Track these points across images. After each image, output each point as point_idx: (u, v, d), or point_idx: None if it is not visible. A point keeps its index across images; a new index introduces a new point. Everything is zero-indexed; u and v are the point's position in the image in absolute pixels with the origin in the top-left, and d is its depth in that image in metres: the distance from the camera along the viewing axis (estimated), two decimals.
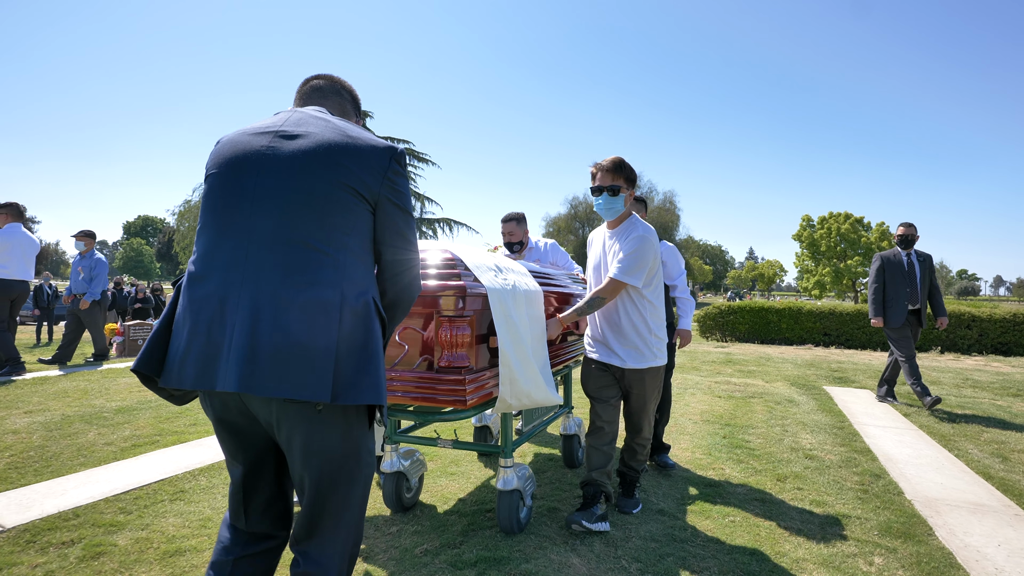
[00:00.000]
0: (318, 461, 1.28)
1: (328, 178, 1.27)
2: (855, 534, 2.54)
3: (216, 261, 1.27)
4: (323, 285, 1.23)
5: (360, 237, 1.31)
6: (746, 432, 4.29)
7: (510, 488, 2.42)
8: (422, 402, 2.12)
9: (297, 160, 1.28)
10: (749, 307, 13.58)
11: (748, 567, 2.22)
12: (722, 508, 2.82)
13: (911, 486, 3.18)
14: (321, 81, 1.56)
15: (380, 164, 1.33)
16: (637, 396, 2.66)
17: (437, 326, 2.12)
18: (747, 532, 2.54)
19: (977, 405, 5.58)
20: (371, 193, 1.32)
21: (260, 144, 1.31)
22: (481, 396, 2.17)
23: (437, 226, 30.21)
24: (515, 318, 2.25)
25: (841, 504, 2.89)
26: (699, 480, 3.23)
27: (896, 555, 2.35)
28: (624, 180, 2.56)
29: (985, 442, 4.15)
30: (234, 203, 1.28)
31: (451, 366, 2.10)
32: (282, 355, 1.18)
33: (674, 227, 46.83)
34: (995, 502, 2.97)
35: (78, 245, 7.12)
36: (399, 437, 2.77)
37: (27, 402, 4.69)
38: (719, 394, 5.87)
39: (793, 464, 3.53)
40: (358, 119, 1.62)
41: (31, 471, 3.15)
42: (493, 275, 2.28)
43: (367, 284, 1.32)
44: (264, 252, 1.23)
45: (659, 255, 2.62)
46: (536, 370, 2.35)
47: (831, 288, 39.06)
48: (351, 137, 1.33)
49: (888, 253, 5.57)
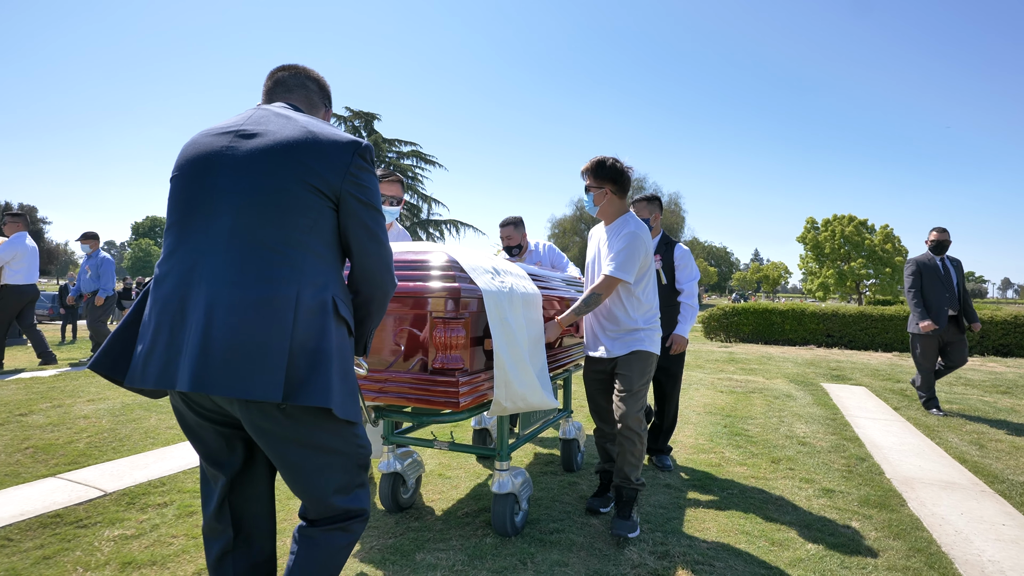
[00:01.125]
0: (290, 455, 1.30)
1: (286, 176, 1.26)
2: (837, 505, 2.92)
3: (177, 261, 1.28)
4: (277, 284, 1.22)
5: (321, 235, 1.30)
6: (745, 422, 4.67)
7: (505, 491, 2.42)
8: (417, 403, 2.14)
9: (254, 159, 1.27)
10: (753, 308, 13.85)
11: (743, 528, 2.60)
12: (721, 484, 3.20)
13: (891, 467, 3.55)
14: (285, 73, 1.53)
15: (342, 160, 1.31)
16: (623, 379, 2.61)
17: (432, 327, 2.12)
18: (742, 502, 2.92)
19: (965, 401, 5.94)
20: (332, 190, 1.30)
21: (220, 144, 1.31)
22: (475, 398, 2.17)
23: (444, 227, 30.54)
24: (511, 321, 2.24)
25: (827, 481, 3.26)
26: (702, 462, 3.61)
27: (871, 521, 2.72)
28: (605, 180, 2.62)
29: (966, 433, 4.51)
30: (194, 204, 1.29)
31: (445, 368, 2.10)
32: (234, 354, 1.18)
33: (679, 228, 47.08)
34: (965, 481, 3.34)
35: (84, 248, 7.48)
36: (396, 438, 2.78)
37: (86, 392, 5.12)
38: (721, 389, 6.25)
39: (787, 449, 3.91)
40: (327, 109, 1.60)
41: (109, 449, 3.56)
42: (490, 277, 2.27)
43: (327, 282, 1.30)
44: (220, 252, 1.24)
45: (650, 252, 2.66)
46: (532, 373, 2.34)
47: (835, 290, 39.30)
48: (312, 133, 1.32)
49: (922, 257, 5.38)
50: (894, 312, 12.67)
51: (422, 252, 2.31)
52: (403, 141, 30.00)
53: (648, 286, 2.70)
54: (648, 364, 2.65)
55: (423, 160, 30.22)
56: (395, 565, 2.21)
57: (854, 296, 40.11)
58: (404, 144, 30.15)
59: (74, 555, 2.24)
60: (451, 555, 2.29)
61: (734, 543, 2.45)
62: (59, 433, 3.86)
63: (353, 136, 1.36)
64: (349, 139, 1.34)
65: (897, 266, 36.81)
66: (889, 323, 12.43)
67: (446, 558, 2.26)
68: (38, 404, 4.63)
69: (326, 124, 1.40)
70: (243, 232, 1.24)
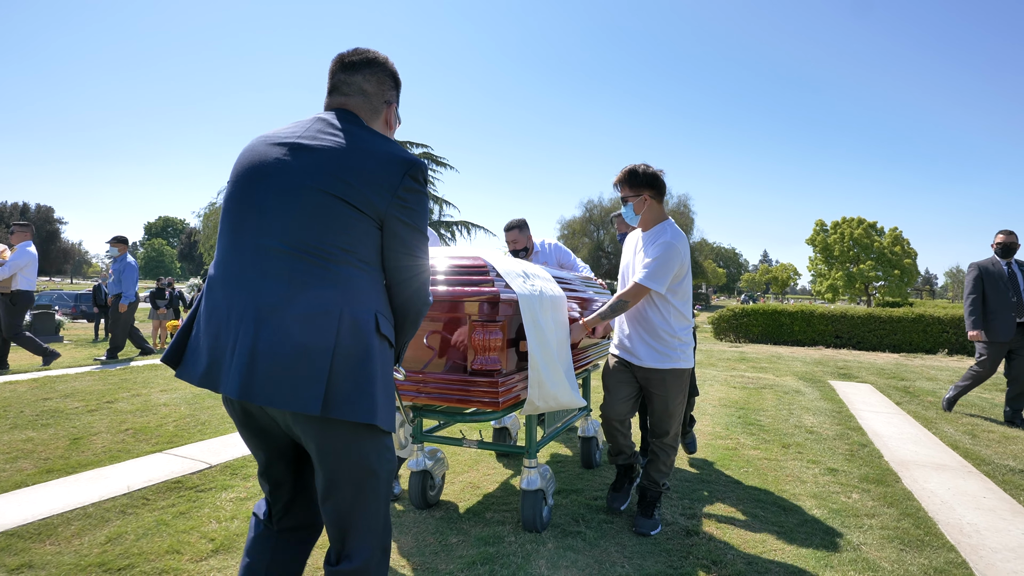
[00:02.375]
0: (329, 463, 1.32)
1: (329, 194, 1.28)
2: (840, 480, 3.35)
3: (227, 269, 1.32)
4: (323, 299, 1.25)
5: (366, 252, 1.32)
6: (758, 414, 5.10)
7: (534, 488, 2.49)
8: (456, 403, 2.22)
9: (304, 175, 1.30)
10: (762, 309, 14.19)
11: (757, 497, 3.04)
12: (738, 463, 3.64)
13: (890, 452, 3.98)
14: (344, 74, 1.48)
15: (389, 181, 1.31)
16: (659, 398, 2.62)
17: (470, 330, 2.18)
18: (757, 478, 3.36)
19: (963, 398, 6.32)
20: (376, 212, 1.31)
21: (275, 155, 1.34)
22: (512, 398, 2.24)
23: (455, 229, 30.93)
24: (542, 323, 2.31)
25: (831, 462, 3.69)
26: (719, 446, 4.04)
27: (869, 493, 3.15)
28: (642, 187, 2.61)
29: (962, 424, 4.91)
30: (245, 213, 1.33)
31: (484, 369, 2.17)
32: (278, 366, 1.22)
33: (688, 230, 47.41)
34: (955, 464, 3.76)
35: (112, 251, 7.77)
36: (425, 437, 2.86)
37: (156, 383, 5.64)
38: (734, 385, 6.67)
39: (796, 436, 4.33)
40: (391, 104, 1.54)
41: (195, 432, 4.05)
42: (522, 281, 2.35)
43: (371, 300, 1.33)
44: (269, 264, 1.27)
45: (686, 262, 2.61)
46: (562, 373, 2.42)
47: (844, 292, 39.51)
48: (361, 151, 1.33)
49: (986, 262, 5.16)
50: (902, 314, 12.98)
51: (460, 257, 2.41)
52: (415, 143, 30.34)
53: (685, 296, 2.64)
54: (684, 381, 2.64)
55: (434, 162, 30.41)
56: (424, 559, 2.28)
57: (863, 298, 40.27)
58: (416, 146, 30.49)
59: (203, 511, 2.72)
60: (476, 550, 2.34)
61: (751, 509, 2.89)
62: (148, 418, 4.36)
63: (406, 155, 1.35)
64: (400, 159, 1.34)
65: (906, 268, 36.98)
66: (897, 324, 12.73)
67: (472, 553, 2.31)
68: (119, 393, 5.15)
69: (379, 139, 1.40)
70: (291, 246, 1.27)
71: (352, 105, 1.47)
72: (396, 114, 1.57)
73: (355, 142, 1.34)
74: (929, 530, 2.67)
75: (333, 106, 1.47)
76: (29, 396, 4.94)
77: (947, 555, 2.42)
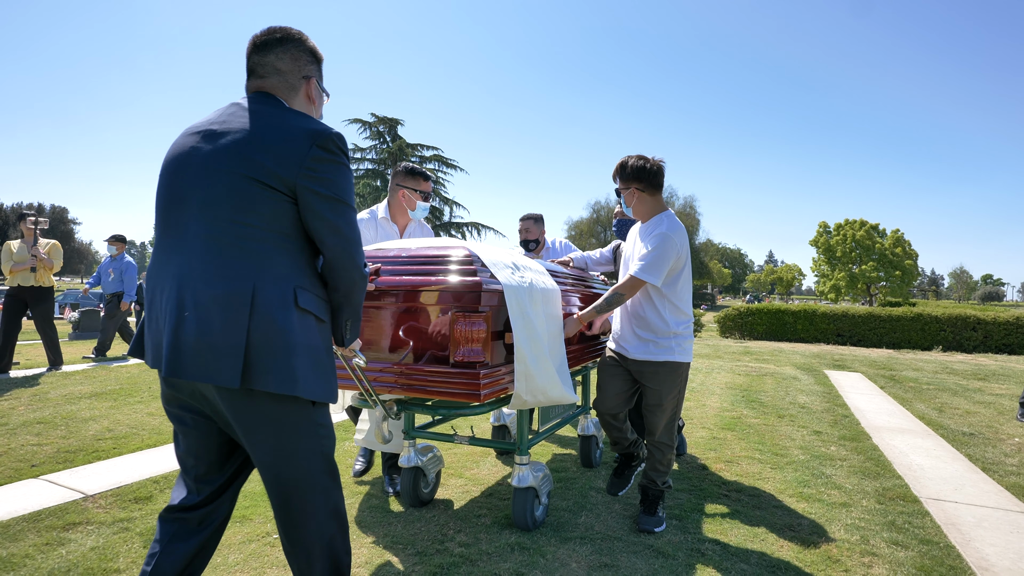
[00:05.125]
0: (258, 441, 1.36)
1: (237, 174, 1.31)
2: (822, 439, 4.21)
3: (156, 260, 1.39)
4: (234, 280, 1.29)
5: (281, 228, 1.35)
6: (759, 394, 5.96)
7: (525, 485, 2.45)
8: (438, 395, 2.16)
9: (211, 160, 1.34)
10: (767, 309, 14.92)
11: (757, 448, 3.91)
12: (742, 427, 4.50)
13: (866, 420, 4.84)
14: (257, 56, 1.49)
15: (297, 153, 1.33)
16: (652, 391, 2.57)
17: (453, 321, 2.13)
18: (756, 437, 4.22)
19: (942, 383, 7.16)
20: (286, 185, 1.33)
21: (188, 146, 1.38)
22: (496, 391, 2.18)
23: (465, 229, 31.51)
24: (531, 315, 2.24)
25: (817, 427, 4.56)
26: (727, 416, 4.91)
27: (844, 447, 4.01)
28: (630, 180, 2.58)
29: (933, 404, 5.76)
30: (167, 204, 1.39)
31: (466, 361, 2.12)
32: (199, 345, 1.28)
33: (694, 231, 48.18)
34: (918, 429, 4.62)
35: (110, 249, 7.71)
36: (417, 433, 2.79)
37: None
38: (739, 373, 7.54)
39: (790, 410, 5.20)
40: (310, 78, 1.54)
41: None
42: (510, 272, 2.28)
43: (288, 274, 1.35)
44: (188, 251, 1.32)
45: (683, 254, 2.54)
46: (552, 368, 2.35)
47: (846, 292, 40.27)
48: (267, 126, 1.36)
49: None
50: (901, 313, 13.66)
51: (443, 247, 2.37)
52: (425, 146, 30.34)
53: (683, 289, 2.60)
54: (680, 375, 2.58)
55: (445, 164, 30.64)
56: (413, 558, 2.24)
57: (865, 298, 40.98)
58: (427, 148, 30.64)
59: None
60: (470, 548, 2.31)
61: (751, 455, 3.75)
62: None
63: (316, 126, 1.37)
64: (306, 130, 1.35)
65: (907, 269, 37.73)
66: (896, 323, 13.41)
67: (466, 551, 2.28)
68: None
69: (291, 114, 1.41)
70: (206, 231, 1.32)
71: (269, 86, 1.48)
72: (319, 88, 1.57)
73: (264, 120, 1.37)
74: (885, 468, 3.53)
75: (251, 89, 1.50)
76: None
77: (895, 481, 3.28)
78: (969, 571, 2.24)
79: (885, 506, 2.90)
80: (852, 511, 2.81)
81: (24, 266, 6.22)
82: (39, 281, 6.29)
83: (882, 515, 2.77)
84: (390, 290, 2.24)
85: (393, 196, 3.07)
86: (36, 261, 6.23)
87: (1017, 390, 6.65)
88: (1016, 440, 4.30)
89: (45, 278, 6.36)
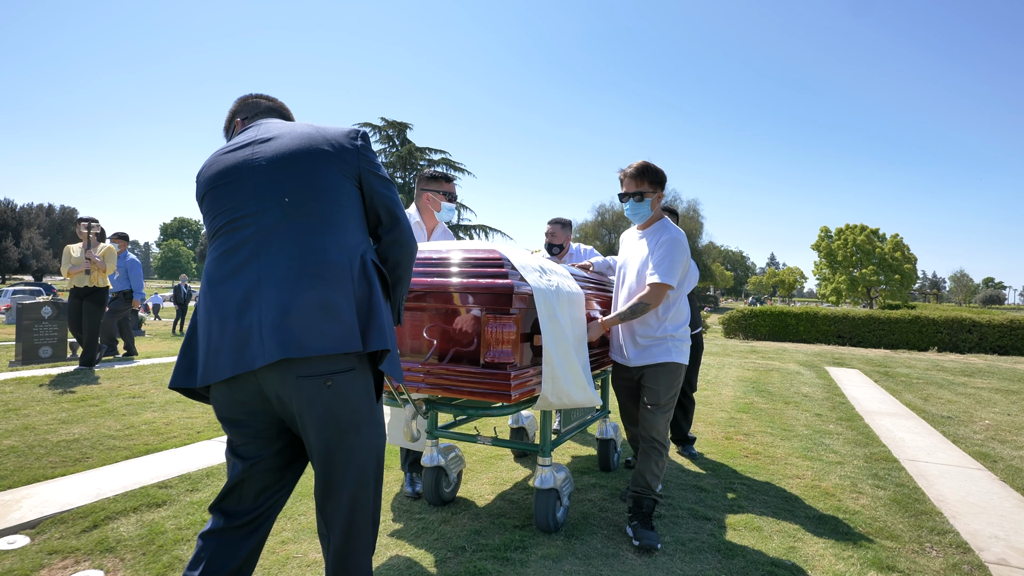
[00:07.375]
0: (327, 430, 1.39)
1: (313, 162, 1.43)
2: (822, 419, 5.02)
3: (234, 259, 1.40)
4: (330, 251, 1.39)
5: (352, 207, 1.48)
6: (767, 385, 6.79)
7: (547, 487, 2.46)
8: (468, 395, 2.17)
9: (283, 154, 1.44)
10: (770, 311, 15.68)
11: (768, 426, 4.73)
12: (754, 411, 5.32)
13: (860, 407, 5.66)
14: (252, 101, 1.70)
15: (352, 144, 1.50)
16: (650, 391, 2.58)
17: (484, 322, 2.15)
18: (767, 418, 5.04)
19: (931, 378, 7.97)
20: (352, 169, 1.48)
21: (243, 156, 1.46)
22: (525, 392, 2.19)
23: (473, 232, 32.13)
24: (559, 318, 2.26)
25: (818, 411, 5.37)
26: (740, 403, 5.73)
27: (840, 425, 4.82)
28: (649, 184, 2.60)
29: (921, 395, 6.57)
30: (239, 205, 1.42)
31: (496, 362, 2.14)
32: (310, 317, 1.33)
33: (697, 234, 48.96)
34: (904, 413, 5.44)
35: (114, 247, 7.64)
36: (439, 432, 2.80)
37: None
38: (748, 368, 8.36)
39: (795, 398, 6.02)
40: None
41: None
42: (538, 275, 2.30)
43: (363, 245, 1.48)
44: (276, 237, 1.39)
45: (690, 257, 2.62)
46: (579, 370, 2.37)
47: (847, 295, 41.14)
48: (319, 128, 1.50)
49: None
50: (899, 315, 14.39)
51: (475, 249, 2.38)
52: (433, 149, 30.65)
53: (684, 293, 2.67)
54: (676, 376, 2.60)
55: (453, 167, 30.46)
56: (436, 556, 2.27)
57: (866, 301, 41.81)
58: (435, 152, 30.72)
59: None
60: (491, 550, 2.31)
61: (764, 430, 4.57)
62: None
63: (341, 126, 1.54)
64: (349, 127, 1.53)
65: (906, 272, 38.60)
66: (895, 325, 14.13)
67: (486, 551, 2.30)
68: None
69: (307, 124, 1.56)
70: (291, 216, 1.40)
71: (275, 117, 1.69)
72: None
73: (306, 124, 1.54)
74: (873, 440, 4.35)
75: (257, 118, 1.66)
76: None
77: (880, 448, 4.10)
78: (929, 503, 3.05)
79: (871, 464, 3.71)
80: (845, 467, 3.63)
81: (79, 268, 6.57)
82: (93, 282, 6.62)
83: (868, 470, 3.59)
84: (422, 291, 2.29)
85: (419, 201, 3.12)
86: (90, 264, 6.57)
87: (1000, 385, 7.45)
88: (987, 422, 5.11)
89: (99, 279, 6.67)
